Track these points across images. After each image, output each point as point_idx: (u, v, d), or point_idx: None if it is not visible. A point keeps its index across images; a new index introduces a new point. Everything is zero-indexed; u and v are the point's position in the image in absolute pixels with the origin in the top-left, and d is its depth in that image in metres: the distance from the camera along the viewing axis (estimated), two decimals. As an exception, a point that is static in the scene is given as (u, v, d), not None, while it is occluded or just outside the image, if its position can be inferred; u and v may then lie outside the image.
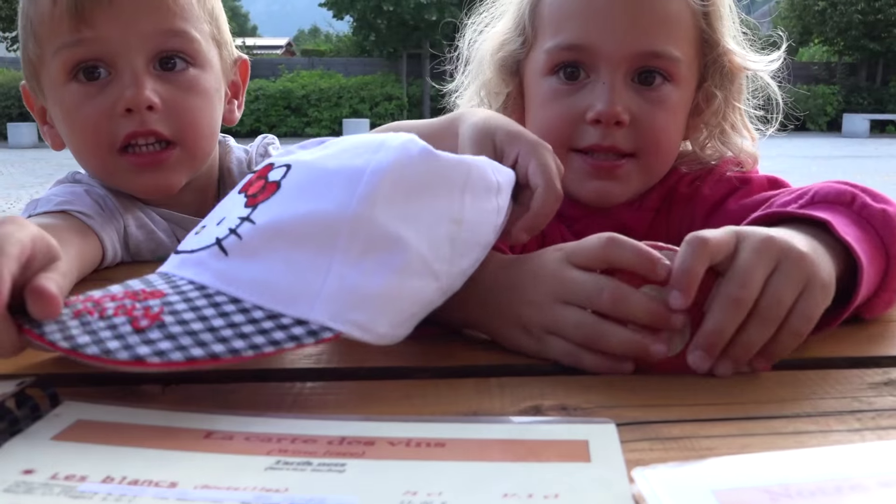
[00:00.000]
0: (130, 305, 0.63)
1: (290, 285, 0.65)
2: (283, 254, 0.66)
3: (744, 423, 0.60)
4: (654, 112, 1.12)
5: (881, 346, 0.80)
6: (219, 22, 1.27)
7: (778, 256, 0.69)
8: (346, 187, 0.67)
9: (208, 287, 0.65)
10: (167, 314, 0.62)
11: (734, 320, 0.67)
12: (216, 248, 0.67)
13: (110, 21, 1.13)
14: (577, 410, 0.62)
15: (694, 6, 1.13)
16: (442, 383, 0.68)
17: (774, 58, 1.21)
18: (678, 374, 0.70)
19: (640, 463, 0.51)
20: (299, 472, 0.51)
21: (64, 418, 0.59)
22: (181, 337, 0.61)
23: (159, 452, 0.54)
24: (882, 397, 0.65)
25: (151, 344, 0.60)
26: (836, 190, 0.86)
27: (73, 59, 1.15)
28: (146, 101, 1.13)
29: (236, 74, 1.36)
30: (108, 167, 1.20)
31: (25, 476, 0.50)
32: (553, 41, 1.14)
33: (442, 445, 0.55)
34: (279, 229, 0.67)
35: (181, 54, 1.19)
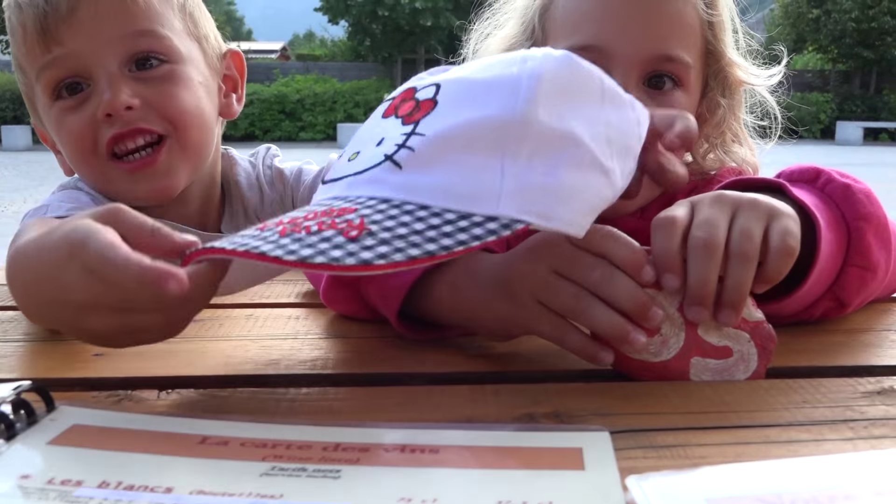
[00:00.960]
0: (331, 221, 0.62)
1: (471, 187, 0.66)
2: (457, 159, 0.67)
3: (737, 431, 0.60)
4: None
5: (874, 355, 0.81)
6: (193, 17, 1.27)
7: (733, 204, 0.71)
8: (507, 93, 0.68)
9: (392, 199, 0.65)
10: (370, 223, 0.62)
11: (711, 265, 0.68)
12: (389, 164, 0.67)
13: (76, 34, 1.14)
14: (570, 418, 0.63)
15: (702, 16, 1.14)
16: (436, 390, 0.68)
17: (775, 72, 1.21)
18: (672, 382, 0.70)
19: (634, 471, 0.52)
20: (294, 478, 0.51)
21: (60, 423, 0.59)
22: (394, 241, 0.61)
23: (155, 458, 0.54)
24: (875, 406, 0.65)
25: (370, 249, 0.59)
26: (801, 168, 0.89)
27: (53, 79, 1.16)
28: (123, 103, 1.13)
29: (230, 68, 1.36)
30: (102, 176, 1.20)
31: (22, 481, 0.50)
32: (567, 42, 1.13)
33: (436, 452, 0.55)
34: (450, 136, 0.67)
35: (154, 53, 1.18)
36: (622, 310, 0.70)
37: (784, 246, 0.69)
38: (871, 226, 0.84)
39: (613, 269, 0.71)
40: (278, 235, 0.61)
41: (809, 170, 0.88)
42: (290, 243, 0.59)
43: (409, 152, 0.67)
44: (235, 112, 1.35)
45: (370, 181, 0.68)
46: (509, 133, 0.67)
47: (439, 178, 0.66)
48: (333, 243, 0.59)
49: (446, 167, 0.66)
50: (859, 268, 0.85)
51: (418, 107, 0.71)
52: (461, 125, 0.68)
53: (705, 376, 0.72)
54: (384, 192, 0.66)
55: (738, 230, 0.69)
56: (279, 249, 0.59)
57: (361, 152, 0.71)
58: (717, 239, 0.68)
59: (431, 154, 0.67)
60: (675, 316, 0.71)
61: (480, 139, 0.67)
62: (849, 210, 0.84)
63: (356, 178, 0.69)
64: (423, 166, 0.67)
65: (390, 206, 0.64)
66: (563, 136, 0.68)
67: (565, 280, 0.72)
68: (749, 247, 0.68)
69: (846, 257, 0.84)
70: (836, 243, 0.82)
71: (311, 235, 0.60)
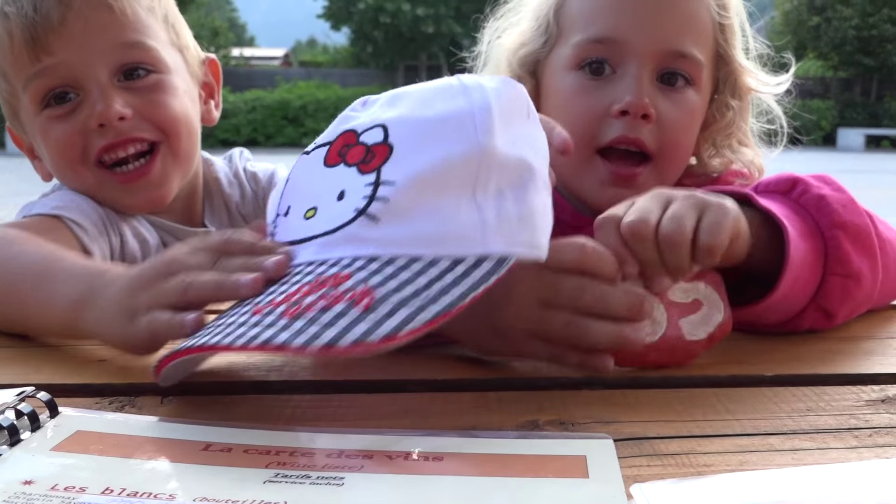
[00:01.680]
0: (334, 294, 0.61)
1: (454, 229, 0.66)
2: (432, 202, 0.67)
3: (741, 439, 0.60)
4: (676, 112, 1.12)
5: (878, 362, 0.80)
6: (176, 27, 1.28)
7: (667, 198, 0.78)
8: (463, 128, 0.68)
9: (380, 255, 0.64)
10: (374, 288, 0.61)
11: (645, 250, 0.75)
12: (364, 219, 0.66)
13: (66, 45, 1.14)
14: (574, 425, 0.62)
15: (714, 17, 1.14)
16: (440, 397, 0.68)
17: (783, 80, 1.21)
18: (675, 390, 0.70)
19: (638, 479, 0.52)
20: (298, 485, 0.51)
21: (63, 429, 0.59)
22: (409, 301, 0.60)
23: (158, 464, 0.54)
24: (879, 414, 0.65)
25: (391, 316, 0.58)
26: (777, 179, 0.91)
27: (41, 89, 1.16)
28: (116, 113, 1.14)
29: (207, 75, 1.37)
30: (92, 183, 1.20)
31: (25, 487, 0.50)
32: (583, 35, 1.13)
33: (440, 460, 0.55)
34: (420, 180, 0.67)
35: (142, 64, 1.19)
36: (620, 318, 0.72)
37: (708, 243, 0.75)
38: (847, 234, 0.85)
39: (600, 285, 0.73)
40: (287, 319, 0.59)
41: (785, 180, 0.90)
42: (306, 325, 0.58)
43: (382, 204, 0.66)
44: (215, 118, 1.36)
45: (347, 240, 0.66)
46: (475, 168, 0.67)
47: (420, 225, 0.66)
48: (351, 318, 0.58)
49: (423, 212, 0.66)
50: (840, 276, 0.85)
51: (371, 152, 0.69)
52: (428, 167, 0.67)
53: (698, 332, 0.77)
54: (368, 249, 0.65)
55: (668, 214, 0.75)
56: (300, 336, 0.57)
57: (319, 208, 0.69)
58: (646, 227, 0.75)
59: (406, 202, 0.66)
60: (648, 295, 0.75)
61: (449, 178, 0.67)
62: (823, 219, 0.85)
63: (329, 239, 0.67)
64: (400, 216, 0.66)
65: (382, 265, 0.63)
66: (520, 163, 0.70)
67: (556, 309, 0.73)
68: (677, 232, 0.74)
69: (826, 266, 0.85)
70: (812, 252, 0.83)
71: (324, 313, 0.59)
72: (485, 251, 0.65)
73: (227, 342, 0.59)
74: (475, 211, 0.67)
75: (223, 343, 0.59)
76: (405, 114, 0.71)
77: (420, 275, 0.62)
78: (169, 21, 1.26)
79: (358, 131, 0.72)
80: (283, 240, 0.71)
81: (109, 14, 1.16)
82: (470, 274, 0.63)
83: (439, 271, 0.63)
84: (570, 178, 1.17)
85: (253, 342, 0.58)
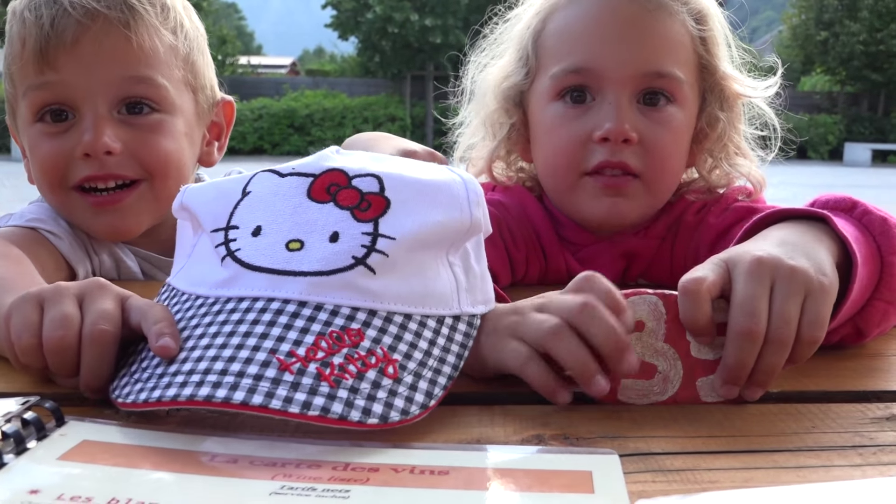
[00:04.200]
0: (359, 354, 0.65)
1: (438, 289, 0.73)
2: (420, 261, 0.72)
3: (747, 456, 0.60)
4: (659, 132, 1.13)
5: (883, 380, 0.80)
6: (195, 67, 1.27)
7: (771, 275, 0.70)
8: (456, 197, 0.75)
9: (379, 311, 0.69)
10: (391, 352, 0.67)
11: (751, 352, 0.69)
12: (363, 269, 0.69)
13: (73, 66, 1.14)
14: (579, 440, 0.63)
15: (692, 31, 1.15)
16: (446, 410, 0.68)
17: (771, 83, 1.22)
18: (681, 406, 0.70)
19: (643, 495, 0.52)
20: (304, 497, 0.51)
21: (70, 438, 0.59)
22: (421, 377, 0.67)
23: (164, 475, 0.54)
24: (884, 432, 0.65)
25: (415, 389, 0.65)
26: (836, 197, 0.88)
27: (38, 101, 1.17)
28: (103, 146, 1.13)
29: (219, 115, 1.36)
30: (65, 205, 1.20)
31: (31, 496, 0.50)
32: (559, 66, 1.15)
33: (446, 473, 0.55)
34: (416, 240, 0.72)
35: (146, 100, 1.19)
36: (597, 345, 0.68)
37: (812, 335, 0.70)
38: None
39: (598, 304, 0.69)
40: (328, 386, 0.61)
41: (845, 199, 0.87)
42: (352, 397, 0.61)
43: (382, 258, 0.70)
44: (214, 161, 1.35)
45: (343, 286, 0.68)
46: (460, 234, 0.75)
47: (412, 283, 0.71)
48: (387, 389, 0.64)
49: (414, 270, 0.72)
50: (885, 302, 0.84)
51: (366, 200, 0.72)
52: (424, 228, 0.72)
53: (715, 395, 0.72)
54: (365, 300, 0.69)
55: (777, 313, 0.69)
56: (354, 410, 0.61)
57: (307, 244, 0.70)
58: (759, 328, 0.68)
59: (401, 259, 0.71)
60: (666, 349, 0.71)
61: (436, 240, 0.74)
62: (885, 243, 0.83)
63: (323, 280, 0.68)
64: (395, 271, 0.70)
65: (384, 322, 0.68)
66: (484, 231, 0.79)
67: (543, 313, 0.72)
68: (787, 333, 0.69)
69: (875, 290, 0.83)
70: (867, 277, 0.81)
71: (361, 381, 0.63)
72: (459, 311, 0.74)
73: (277, 406, 0.59)
74: (449, 270, 0.75)
75: (273, 407, 0.59)
76: (399, 172, 0.75)
77: (419, 337, 0.69)
78: (189, 60, 1.25)
79: (349, 174, 0.74)
80: (253, 262, 0.70)
81: (125, 45, 1.15)
82: (453, 338, 0.72)
83: (432, 333, 0.71)
84: (564, 200, 1.20)
85: (309, 411, 0.59)
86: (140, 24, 1.17)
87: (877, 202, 0.88)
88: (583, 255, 1.21)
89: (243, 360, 0.62)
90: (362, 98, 24.92)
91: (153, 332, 0.66)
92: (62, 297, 0.70)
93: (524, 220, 1.21)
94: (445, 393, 0.67)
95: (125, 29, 1.15)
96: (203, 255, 0.74)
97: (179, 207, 0.79)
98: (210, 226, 0.74)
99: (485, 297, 0.78)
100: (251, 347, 0.63)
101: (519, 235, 1.20)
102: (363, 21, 26.07)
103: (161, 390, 0.61)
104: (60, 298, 0.70)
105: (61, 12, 1.13)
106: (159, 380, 0.63)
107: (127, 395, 0.64)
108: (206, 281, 0.71)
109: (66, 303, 0.69)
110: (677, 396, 0.71)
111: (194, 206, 0.77)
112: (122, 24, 1.15)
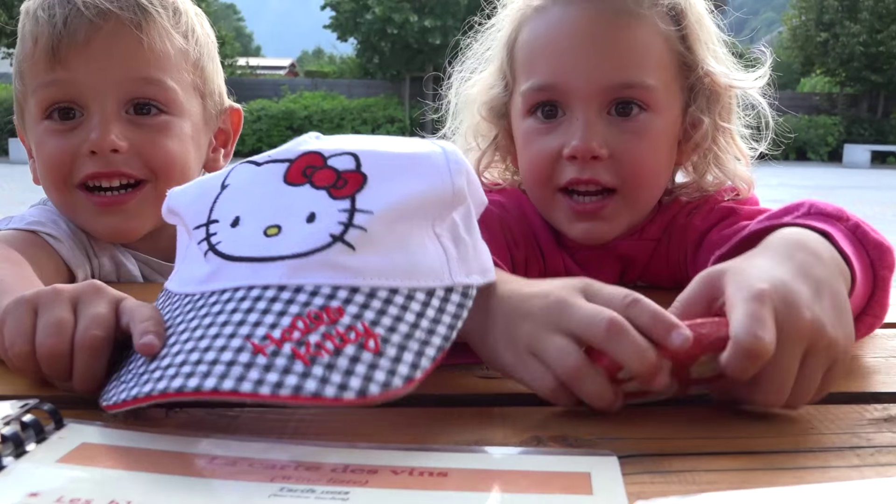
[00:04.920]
0: (338, 332, 0.63)
1: (424, 262, 0.71)
2: (402, 233, 0.70)
3: (745, 457, 0.60)
4: (633, 143, 1.11)
5: (881, 381, 0.80)
6: (205, 73, 1.28)
7: (809, 342, 0.65)
8: (436, 167, 0.74)
9: (361, 287, 0.67)
10: (372, 327, 0.64)
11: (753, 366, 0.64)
12: (341, 245, 0.67)
13: (84, 64, 1.15)
14: (578, 441, 0.63)
15: (666, 32, 1.13)
16: (444, 412, 0.69)
17: (760, 74, 1.20)
18: (678, 408, 0.70)
19: (642, 496, 0.52)
20: (303, 499, 0.51)
21: (69, 441, 0.59)
22: (406, 348, 0.64)
23: (163, 477, 0.54)
24: (881, 433, 0.65)
25: (399, 361, 0.62)
26: (832, 206, 0.87)
27: (48, 99, 1.18)
28: (110, 144, 1.15)
29: (226, 123, 1.38)
30: (70, 205, 1.21)
31: (30, 499, 0.50)
32: (527, 83, 1.15)
33: (444, 475, 0.55)
34: (395, 212, 0.70)
35: (155, 102, 1.20)
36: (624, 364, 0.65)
37: (824, 389, 0.68)
38: (891, 277, 0.84)
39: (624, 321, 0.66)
40: (303, 364, 0.59)
41: (839, 209, 0.85)
42: (327, 373, 0.59)
43: (360, 232, 0.68)
44: (220, 167, 1.36)
45: (322, 265, 0.67)
46: (444, 203, 0.73)
47: (395, 257, 0.69)
48: (367, 362, 0.61)
49: (396, 243, 0.69)
50: (872, 316, 0.84)
51: (342, 178, 0.71)
52: (403, 200, 0.70)
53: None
54: (346, 278, 0.67)
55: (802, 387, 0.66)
56: (329, 386, 0.58)
57: (284, 228, 0.69)
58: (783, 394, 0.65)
59: (381, 232, 0.69)
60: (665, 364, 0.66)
61: (418, 212, 0.71)
62: (878, 257, 0.83)
63: (302, 262, 0.67)
64: (376, 245, 0.68)
65: (367, 297, 0.66)
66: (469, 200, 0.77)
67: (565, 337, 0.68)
68: (805, 397, 0.67)
69: (865, 305, 0.83)
70: (862, 294, 0.81)
71: (338, 357, 0.61)
72: (451, 282, 0.71)
73: (248, 389, 0.57)
74: (437, 241, 0.72)
75: (243, 390, 0.57)
76: (376, 148, 0.74)
77: (405, 310, 0.66)
78: (199, 65, 1.27)
79: (325, 155, 0.73)
80: (233, 253, 0.69)
81: (137, 46, 1.17)
82: (445, 309, 0.69)
83: (420, 306, 0.67)
84: (546, 214, 1.20)
85: (281, 391, 0.57)
86: (152, 27, 1.18)
87: (876, 203, 0.89)
88: (580, 258, 1.21)
89: (218, 348, 0.61)
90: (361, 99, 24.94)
91: (138, 330, 0.66)
92: (56, 302, 0.70)
93: (522, 220, 1.21)
94: (435, 364, 0.64)
95: (137, 30, 1.16)
96: (192, 255, 0.74)
97: (167, 211, 0.79)
98: (192, 223, 0.74)
99: (481, 268, 0.75)
100: (227, 336, 0.62)
101: (519, 235, 1.20)
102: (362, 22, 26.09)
103: (138, 387, 0.61)
104: (54, 303, 0.70)
105: (74, 12, 1.14)
106: (140, 377, 0.63)
107: (110, 396, 0.64)
108: (193, 278, 0.71)
109: (60, 307, 0.70)
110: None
111: (179, 207, 0.77)
112: (134, 25, 1.16)
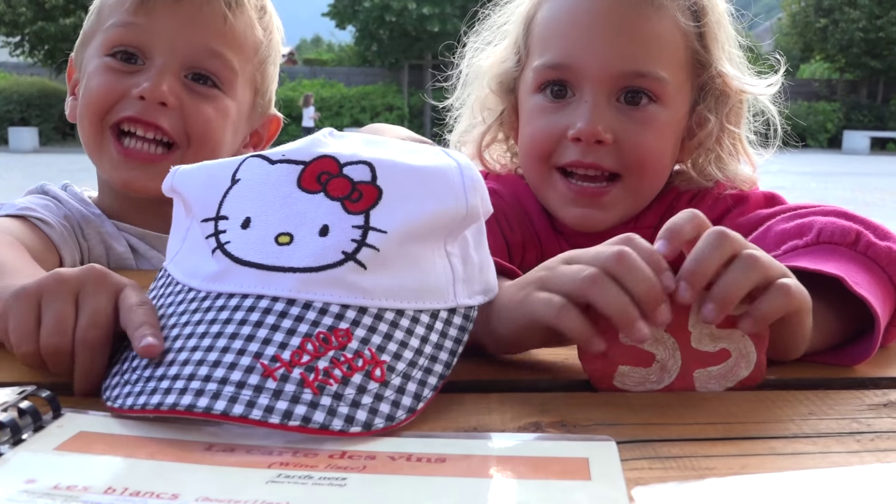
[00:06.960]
0: (345, 356, 0.63)
1: (432, 282, 0.72)
2: (413, 253, 0.71)
3: (744, 442, 0.60)
4: (639, 132, 1.11)
5: (880, 367, 0.80)
6: (266, 73, 1.34)
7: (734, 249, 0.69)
8: (451, 184, 0.73)
9: (369, 308, 0.67)
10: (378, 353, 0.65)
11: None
12: (353, 264, 0.67)
13: (166, 18, 1.19)
14: (576, 427, 0.63)
15: (685, 28, 1.12)
16: (443, 398, 0.68)
17: (772, 81, 1.20)
18: (678, 393, 0.70)
19: (640, 482, 0.52)
20: (300, 485, 0.51)
21: (66, 429, 0.59)
22: (410, 378, 0.65)
23: (161, 464, 0.54)
24: (881, 419, 0.65)
25: (403, 392, 0.64)
26: (841, 228, 0.86)
27: (118, 38, 1.21)
28: (160, 95, 1.18)
29: (264, 127, 1.41)
30: (97, 143, 1.23)
31: (28, 486, 0.50)
32: (540, 60, 1.15)
33: (443, 461, 0.55)
34: (408, 232, 0.70)
35: (215, 76, 1.24)
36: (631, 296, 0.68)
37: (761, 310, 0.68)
38: None
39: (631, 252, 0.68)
40: (311, 393, 0.60)
41: (849, 231, 0.85)
42: (335, 404, 0.60)
43: (372, 252, 0.68)
44: None
45: (334, 282, 0.67)
46: (456, 222, 0.73)
47: (404, 277, 0.70)
48: (373, 394, 0.62)
49: (406, 264, 0.70)
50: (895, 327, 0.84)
51: (357, 190, 0.70)
52: (417, 219, 0.70)
53: (711, 385, 0.71)
54: (355, 297, 0.67)
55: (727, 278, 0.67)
56: (336, 419, 0.59)
57: (296, 238, 0.69)
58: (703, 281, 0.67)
59: (394, 253, 0.69)
60: (666, 338, 0.71)
61: (431, 230, 0.71)
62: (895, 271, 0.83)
63: (312, 277, 0.67)
64: (387, 266, 0.69)
65: (374, 319, 0.67)
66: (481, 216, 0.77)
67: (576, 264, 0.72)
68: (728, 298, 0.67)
69: (891, 318, 0.83)
70: (889, 313, 0.81)
71: (346, 386, 0.61)
72: (454, 303, 0.73)
73: (258, 417, 0.58)
74: (446, 260, 0.73)
75: (253, 417, 0.58)
76: (392, 158, 0.73)
77: (410, 334, 0.68)
78: (264, 64, 1.32)
79: (340, 161, 0.72)
80: (243, 256, 0.69)
81: (220, 22, 1.22)
82: (447, 333, 0.71)
83: (424, 329, 0.69)
84: (540, 194, 1.19)
85: (290, 421, 0.58)
86: (239, 11, 1.24)
87: (875, 189, 0.89)
88: (576, 242, 1.21)
89: (227, 364, 0.61)
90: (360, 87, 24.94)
91: (136, 336, 0.66)
92: (59, 293, 0.70)
93: (517, 206, 1.21)
94: (435, 394, 0.66)
95: (226, 7, 1.22)
96: (196, 244, 0.73)
97: (170, 189, 0.78)
98: (200, 214, 0.73)
99: (484, 287, 0.77)
100: (236, 351, 0.62)
101: (514, 220, 1.19)
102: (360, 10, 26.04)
103: (146, 396, 0.61)
104: (57, 294, 0.69)
105: None
106: (146, 384, 0.62)
107: (116, 397, 0.63)
108: (199, 273, 0.71)
109: (63, 300, 0.69)
110: (672, 386, 0.71)
111: (184, 189, 0.76)
112: (225, 2, 1.22)
